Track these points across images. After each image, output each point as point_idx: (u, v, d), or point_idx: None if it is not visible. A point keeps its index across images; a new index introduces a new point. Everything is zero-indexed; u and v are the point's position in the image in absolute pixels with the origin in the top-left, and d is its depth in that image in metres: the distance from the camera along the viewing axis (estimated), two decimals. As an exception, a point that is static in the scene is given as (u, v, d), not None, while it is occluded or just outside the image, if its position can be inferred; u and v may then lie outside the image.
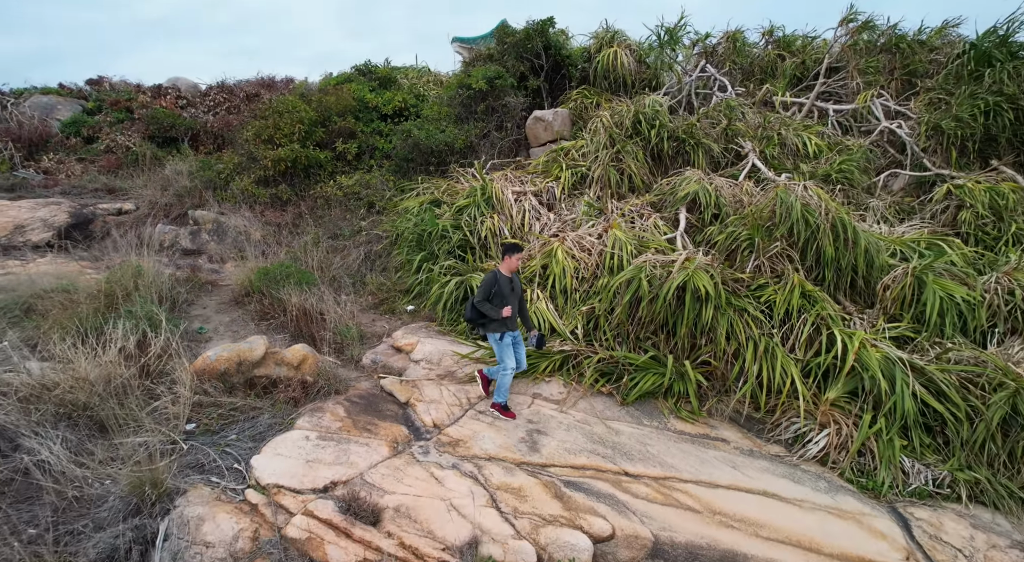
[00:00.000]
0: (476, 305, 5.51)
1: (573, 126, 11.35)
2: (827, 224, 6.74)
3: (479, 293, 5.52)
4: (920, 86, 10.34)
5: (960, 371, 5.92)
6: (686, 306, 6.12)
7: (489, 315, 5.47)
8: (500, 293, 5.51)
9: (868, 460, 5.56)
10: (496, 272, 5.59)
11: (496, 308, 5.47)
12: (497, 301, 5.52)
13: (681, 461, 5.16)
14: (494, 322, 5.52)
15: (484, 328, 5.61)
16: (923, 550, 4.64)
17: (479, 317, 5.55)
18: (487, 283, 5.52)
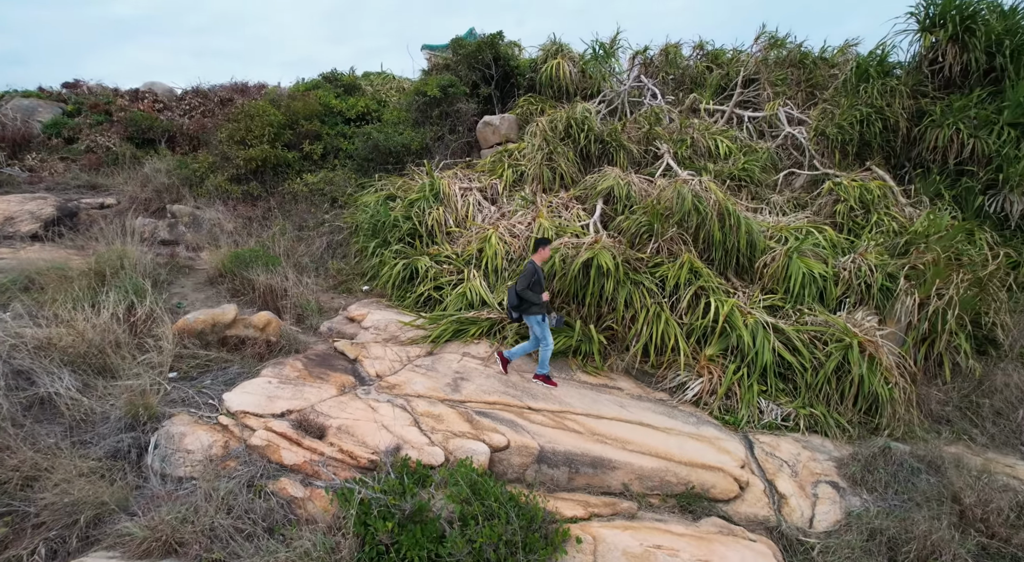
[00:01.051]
0: (519, 293, 6.30)
1: (520, 130, 12.58)
2: (714, 212, 8.06)
3: (522, 281, 6.32)
4: (819, 97, 11.81)
5: (811, 331, 7.27)
6: (591, 280, 7.37)
7: (531, 300, 6.30)
8: (539, 281, 6.40)
9: (734, 402, 6.86)
10: (533, 262, 6.45)
11: (537, 294, 6.35)
12: (536, 288, 6.37)
13: (577, 401, 6.38)
14: (535, 306, 6.36)
15: (526, 312, 6.41)
16: (757, 461, 5.94)
17: (521, 303, 6.39)
18: (529, 272, 6.33)
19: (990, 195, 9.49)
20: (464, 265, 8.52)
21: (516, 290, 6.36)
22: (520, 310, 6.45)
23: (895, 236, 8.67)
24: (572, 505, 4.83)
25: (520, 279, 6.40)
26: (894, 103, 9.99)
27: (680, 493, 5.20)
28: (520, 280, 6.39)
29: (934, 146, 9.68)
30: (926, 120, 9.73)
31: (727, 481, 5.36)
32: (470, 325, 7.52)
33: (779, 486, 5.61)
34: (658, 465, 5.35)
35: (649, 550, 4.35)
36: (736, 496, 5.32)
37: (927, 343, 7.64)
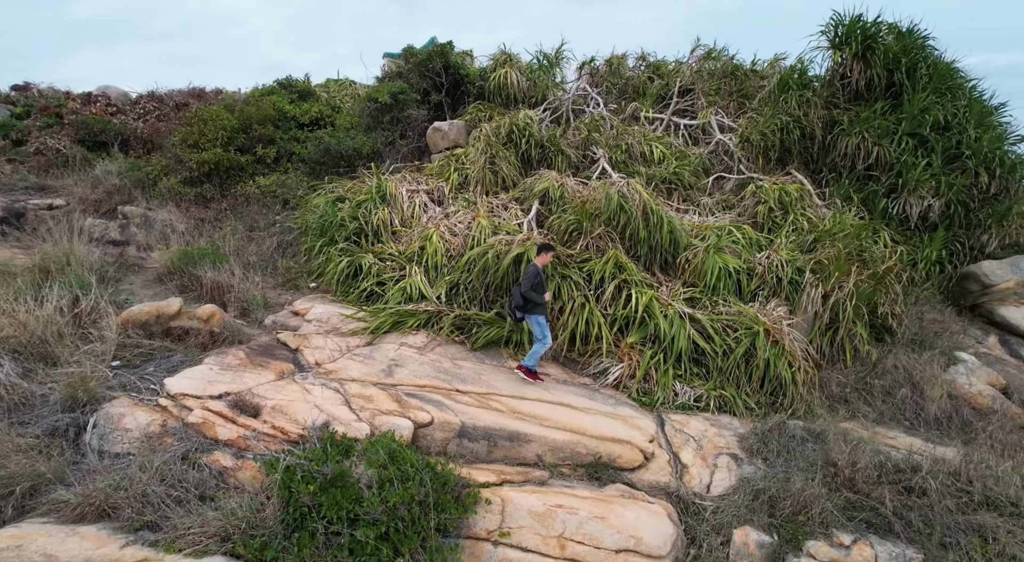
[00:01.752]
0: (524, 294, 6.76)
1: (468, 136, 13.08)
2: (639, 212, 8.67)
3: (526, 283, 6.79)
4: (748, 106, 12.63)
5: (724, 320, 7.91)
6: (521, 274, 7.88)
7: (535, 301, 6.77)
8: (541, 283, 6.90)
9: (651, 385, 7.44)
10: (536, 265, 6.95)
11: (539, 295, 6.81)
12: (539, 289, 6.84)
13: (504, 385, 6.87)
14: (538, 306, 6.84)
15: (529, 312, 6.88)
16: (666, 436, 6.51)
17: (526, 303, 6.83)
18: (532, 275, 6.81)
19: (892, 198, 10.37)
20: (406, 262, 8.95)
21: (521, 291, 6.81)
22: (524, 310, 6.90)
23: (807, 234, 9.42)
24: (487, 473, 5.30)
25: (524, 281, 6.89)
26: (810, 113, 10.83)
27: (589, 463, 5.71)
28: (524, 282, 6.87)
29: (844, 153, 10.53)
30: (836, 129, 10.58)
31: (633, 452, 5.90)
32: (408, 317, 7.95)
33: (682, 457, 6.18)
34: (570, 439, 5.86)
35: (551, 509, 4.85)
36: (640, 466, 5.86)
37: (831, 331, 8.36)
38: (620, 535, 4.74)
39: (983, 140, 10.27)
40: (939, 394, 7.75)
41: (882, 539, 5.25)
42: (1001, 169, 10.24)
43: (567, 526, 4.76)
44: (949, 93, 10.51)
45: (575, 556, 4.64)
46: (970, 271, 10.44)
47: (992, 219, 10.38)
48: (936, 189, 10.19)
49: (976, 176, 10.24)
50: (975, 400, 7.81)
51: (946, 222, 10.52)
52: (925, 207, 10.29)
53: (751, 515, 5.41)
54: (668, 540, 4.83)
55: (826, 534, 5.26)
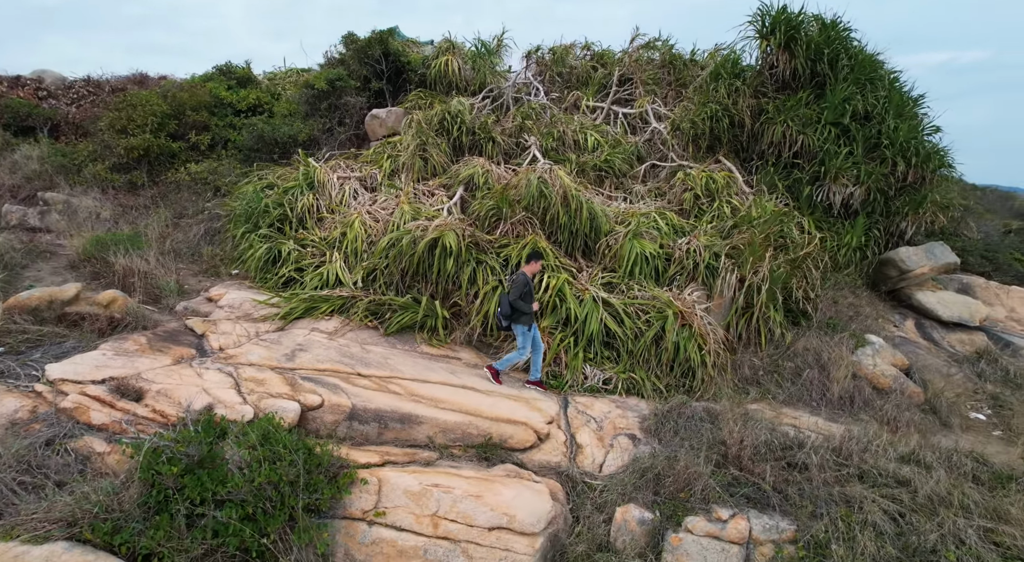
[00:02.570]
0: (512, 302, 6.64)
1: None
2: (559, 198, 8.72)
3: (514, 292, 6.66)
4: (685, 95, 12.76)
5: (638, 304, 8.01)
6: (436, 259, 7.88)
7: (522, 310, 6.65)
8: (530, 292, 6.81)
9: (561, 368, 7.51)
10: (524, 274, 6.83)
11: (527, 304, 6.71)
12: (528, 298, 6.74)
13: (409, 368, 6.86)
14: (525, 315, 6.72)
15: (515, 321, 6.74)
16: (567, 418, 6.58)
17: (513, 312, 6.69)
18: (521, 283, 6.71)
19: (816, 186, 10.60)
20: (328, 248, 8.87)
21: (509, 300, 6.71)
22: (511, 319, 6.79)
23: (728, 221, 9.57)
24: (371, 455, 5.29)
25: (512, 289, 6.76)
26: (739, 101, 10.97)
27: (479, 444, 5.75)
28: (512, 290, 6.74)
29: (771, 141, 10.71)
30: (763, 118, 10.75)
31: (527, 433, 5.95)
32: (322, 303, 7.89)
33: (579, 438, 6.25)
34: (463, 420, 5.89)
35: (427, 488, 4.87)
36: (533, 446, 5.91)
37: (747, 315, 8.52)
38: (494, 513, 4.78)
39: (901, 130, 10.53)
40: (844, 375, 7.97)
41: (760, 513, 5.38)
42: (917, 158, 10.53)
43: (441, 505, 4.79)
44: (870, 84, 10.75)
45: (447, 534, 4.67)
46: (888, 257, 10.74)
47: (909, 207, 10.69)
48: (857, 177, 10.44)
49: (894, 165, 10.51)
50: (878, 380, 8.05)
51: (867, 210, 10.79)
52: (847, 195, 10.54)
53: (636, 493, 5.50)
54: (543, 517, 4.89)
55: (706, 510, 5.37)
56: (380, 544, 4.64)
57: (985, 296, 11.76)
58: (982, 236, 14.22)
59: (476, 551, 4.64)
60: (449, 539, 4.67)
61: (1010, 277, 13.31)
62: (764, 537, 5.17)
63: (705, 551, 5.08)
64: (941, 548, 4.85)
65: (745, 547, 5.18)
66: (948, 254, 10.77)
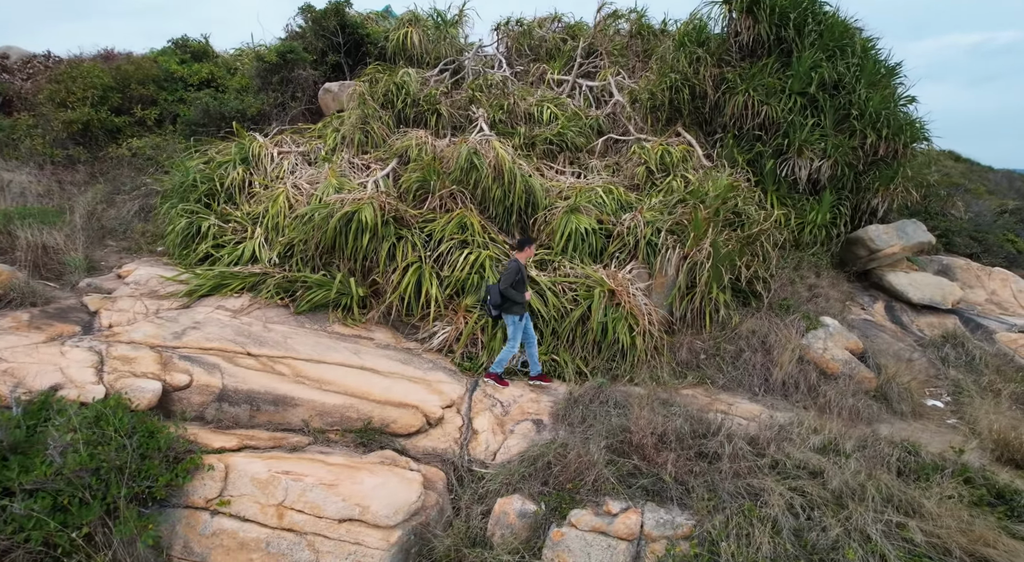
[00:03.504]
0: (503, 291, 6.12)
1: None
2: (491, 169, 8.20)
3: (505, 280, 6.13)
4: (649, 66, 12.11)
5: (567, 282, 7.51)
6: (351, 234, 7.42)
7: (514, 299, 6.15)
8: (522, 280, 6.23)
9: (478, 350, 7.04)
10: (517, 261, 6.28)
11: (520, 293, 6.18)
12: (520, 287, 6.20)
13: (308, 348, 6.43)
14: (516, 305, 6.23)
15: (507, 311, 6.25)
16: (472, 402, 6.13)
17: (504, 301, 6.19)
18: (512, 270, 6.16)
19: (781, 160, 9.96)
20: (251, 224, 8.45)
21: (500, 288, 6.19)
22: (501, 309, 6.30)
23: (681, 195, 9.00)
24: (229, 438, 4.89)
25: (503, 277, 6.23)
26: (701, 71, 10.32)
27: (358, 429, 5.32)
28: (503, 278, 6.22)
29: (733, 112, 10.06)
30: (723, 87, 10.10)
31: (414, 418, 5.52)
32: (233, 280, 7.47)
33: (476, 423, 5.81)
34: (344, 402, 5.46)
35: (276, 475, 4.45)
36: (419, 431, 5.48)
37: (690, 295, 7.99)
38: (345, 504, 4.36)
39: (872, 100, 9.85)
40: (788, 359, 7.43)
41: (658, 506, 4.91)
42: (889, 130, 9.85)
43: (289, 494, 4.37)
44: (840, 51, 10.04)
45: (292, 526, 4.26)
46: (857, 236, 10.12)
47: (880, 182, 10.03)
48: (824, 151, 9.79)
49: (864, 138, 9.85)
50: (827, 365, 7.50)
51: (835, 185, 10.16)
52: (813, 169, 9.90)
53: (524, 483, 5.05)
54: (403, 509, 4.46)
55: (597, 502, 4.91)
56: (220, 536, 4.24)
57: (965, 278, 11.12)
58: (971, 216, 13.51)
59: (323, 544, 4.22)
60: (294, 531, 4.25)
61: (1000, 259, 12.65)
62: (657, 533, 4.70)
63: (589, 547, 4.63)
64: (843, 545, 4.36)
65: (635, 544, 4.71)
66: (921, 233, 10.11)
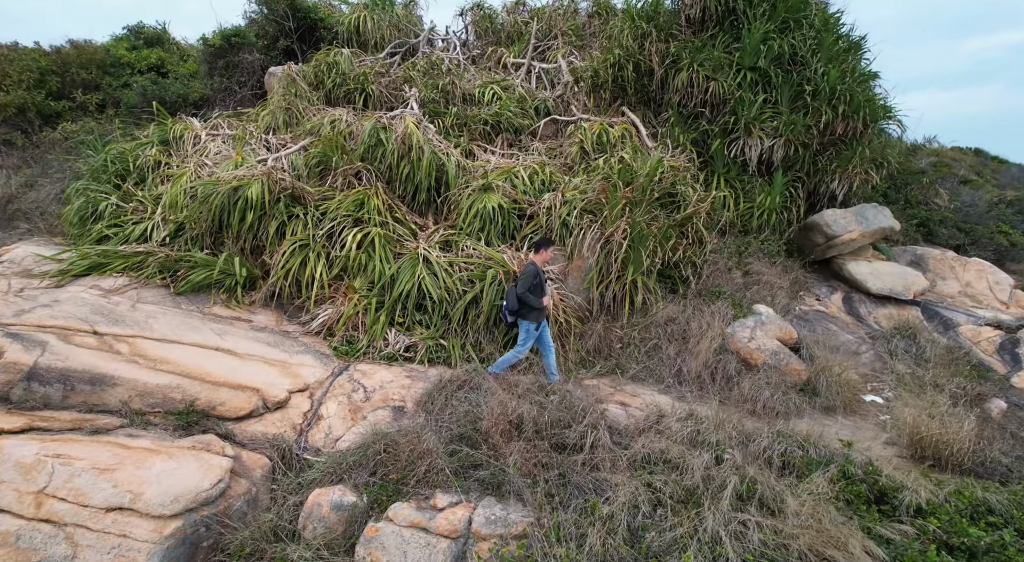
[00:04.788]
0: (519, 296, 5.69)
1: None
2: (397, 145, 7.71)
3: (522, 284, 5.68)
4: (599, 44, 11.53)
5: (465, 263, 6.97)
6: (236, 211, 6.98)
7: (531, 304, 5.70)
8: (540, 284, 5.79)
9: (360, 333, 6.54)
10: (535, 264, 5.83)
11: (537, 298, 5.74)
12: (538, 292, 5.76)
13: (168, 329, 5.99)
14: (534, 311, 5.75)
15: (522, 317, 5.79)
16: (331, 386, 5.63)
17: (521, 307, 5.75)
18: (530, 274, 5.72)
19: (731, 139, 9.29)
20: (152, 203, 8.09)
21: (517, 293, 5.73)
22: (518, 314, 5.84)
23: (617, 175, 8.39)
24: (17, 420, 4.45)
25: (520, 281, 5.76)
26: (647, 46, 9.71)
27: (179, 411, 4.84)
28: (520, 282, 5.75)
29: (678, 89, 9.43)
30: (667, 62, 9.47)
31: (246, 401, 5.03)
32: (115, 259, 7.09)
33: (324, 409, 5.31)
34: (170, 383, 5.00)
35: (42, 459, 3.99)
36: (250, 415, 4.99)
37: (607, 279, 7.39)
38: (116, 490, 3.87)
39: (829, 76, 9.12)
40: (707, 348, 6.79)
41: (498, 501, 4.35)
42: (848, 108, 9.11)
43: (54, 479, 3.90)
44: (795, 24, 9.34)
45: (51, 515, 3.79)
46: (813, 221, 9.39)
47: (838, 163, 9.29)
48: (776, 129, 9.10)
49: (821, 116, 9.12)
50: (751, 356, 6.83)
51: (790, 166, 9.45)
52: (765, 149, 9.21)
53: (351, 473, 4.52)
54: (185, 497, 3.96)
55: (426, 495, 4.37)
56: (-30, 528, 3.79)
57: (939, 269, 10.29)
58: (959, 206, 12.63)
59: (84, 537, 3.74)
60: (52, 522, 3.78)
61: (989, 252, 11.79)
62: (487, 531, 4.14)
63: (406, 545, 4.09)
64: (683, 546, 3.75)
65: (459, 542, 4.15)
66: (883, 218, 9.34)
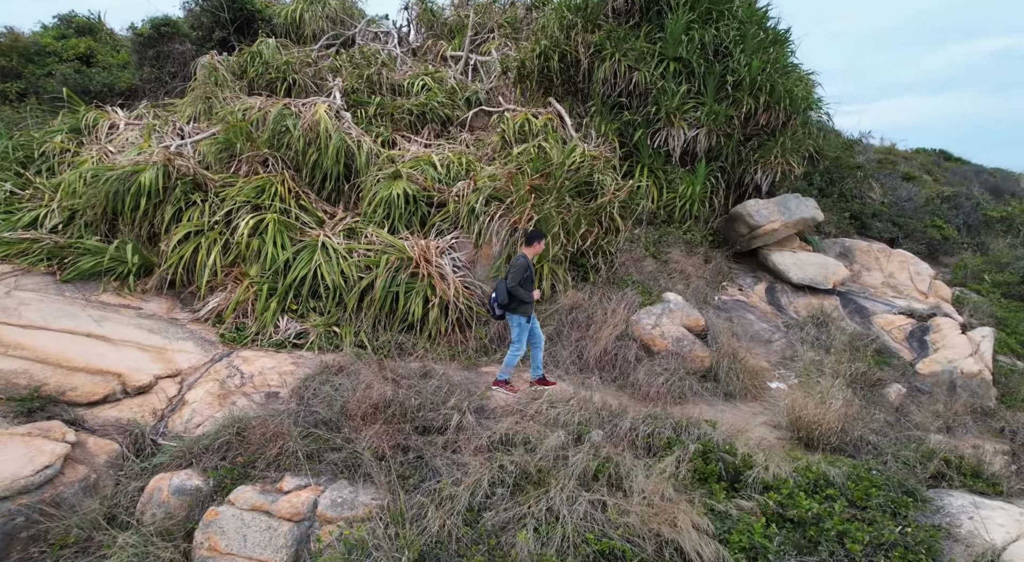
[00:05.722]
0: (511, 290, 5.52)
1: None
2: (304, 132, 7.57)
3: (513, 278, 5.51)
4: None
5: (367, 249, 6.85)
6: (129, 197, 6.79)
7: (522, 299, 5.53)
8: (530, 278, 5.63)
9: (250, 320, 6.38)
10: (525, 257, 5.68)
11: (528, 292, 5.58)
12: (528, 285, 5.60)
13: (40, 316, 5.77)
14: (524, 305, 5.60)
15: (512, 311, 5.63)
16: (206, 372, 5.47)
17: (511, 300, 5.58)
18: (521, 267, 5.56)
19: (653, 130, 9.28)
20: (52, 191, 7.85)
21: (507, 287, 5.55)
22: (508, 308, 5.66)
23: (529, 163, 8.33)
24: None
25: (511, 274, 5.58)
26: (573, 36, 9.67)
27: (23, 396, 4.65)
28: (511, 275, 5.57)
29: (602, 79, 9.40)
30: (591, 52, 9.44)
31: (100, 386, 4.87)
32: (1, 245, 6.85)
33: (191, 394, 5.15)
34: (18, 367, 4.82)
35: None
36: (104, 400, 4.82)
37: (516, 267, 7.28)
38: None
39: (753, 66, 9.15)
40: (608, 335, 6.73)
41: (351, 484, 4.22)
42: (771, 98, 9.16)
43: None
44: (717, 15, 9.37)
45: None
46: (736, 211, 9.40)
47: (759, 154, 9.33)
48: (699, 120, 9.11)
49: (743, 106, 9.15)
50: (653, 342, 6.79)
51: (717, 157, 9.46)
52: (688, 140, 9.22)
53: (201, 458, 4.37)
54: None
55: (274, 478, 4.23)
56: None
57: (864, 260, 10.38)
58: (893, 200, 12.79)
59: None
60: None
61: (922, 245, 11.92)
62: (333, 514, 4.01)
63: (246, 528, 3.95)
64: (520, 526, 3.67)
65: (303, 525, 4.02)
66: (805, 208, 9.38)
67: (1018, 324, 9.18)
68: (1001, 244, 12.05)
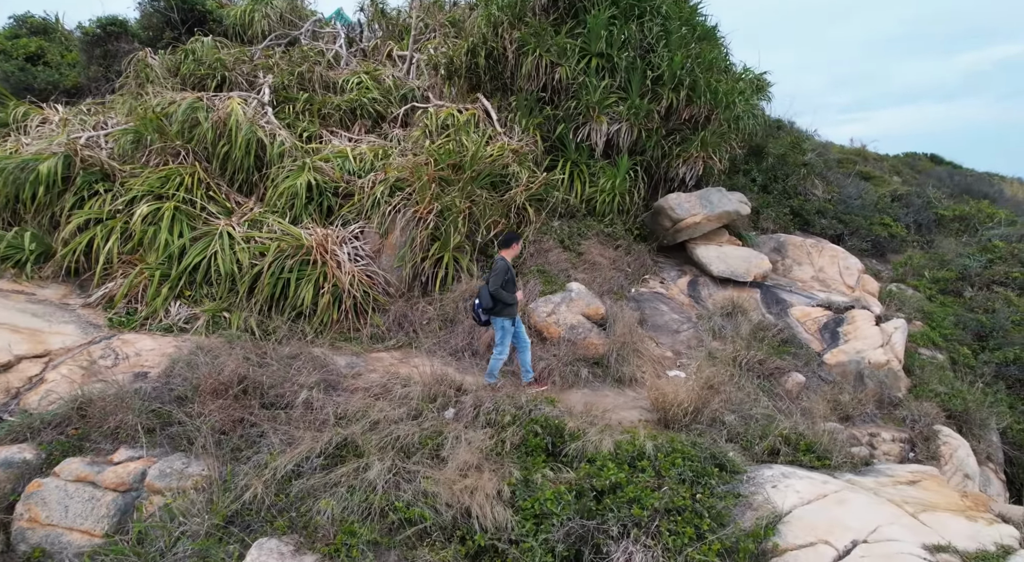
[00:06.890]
0: (493, 293, 5.49)
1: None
2: (214, 124, 7.68)
3: (494, 281, 5.49)
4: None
5: (266, 238, 6.93)
6: (27, 187, 6.91)
7: (506, 300, 5.53)
8: (512, 279, 5.67)
9: (141, 305, 6.46)
10: (504, 259, 5.69)
11: (511, 294, 5.60)
12: (510, 287, 5.62)
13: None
14: (508, 307, 5.59)
15: (497, 315, 5.62)
16: (80, 352, 5.54)
17: (495, 304, 5.57)
18: (501, 270, 5.56)
19: (574, 124, 9.37)
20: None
21: (490, 290, 5.53)
22: (493, 312, 5.64)
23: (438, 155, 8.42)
24: None
25: (492, 278, 5.57)
26: (500, 32, 9.77)
27: None
28: (492, 279, 5.56)
29: (527, 74, 9.50)
30: (515, 48, 9.54)
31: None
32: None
33: (52, 373, 5.24)
34: None
35: None
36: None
37: (419, 257, 7.38)
38: None
39: (674, 60, 9.25)
40: (501, 322, 6.78)
41: (186, 456, 4.29)
42: (693, 93, 9.24)
43: None
44: (639, 12, 9.47)
45: None
46: (659, 205, 9.45)
47: (681, 148, 9.40)
48: (621, 114, 9.19)
49: (662, 100, 9.23)
50: (547, 329, 6.85)
51: (642, 152, 9.53)
52: (610, 134, 9.29)
53: (40, 433, 4.44)
54: None
55: (107, 450, 4.32)
56: None
57: (796, 255, 10.41)
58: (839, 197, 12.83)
59: None
60: None
61: (868, 242, 11.92)
62: (161, 484, 4.11)
63: (68, 499, 4.03)
64: (335, 492, 3.74)
65: (129, 495, 4.11)
66: (729, 202, 9.43)
67: (944, 318, 9.20)
68: (952, 242, 12.00)
